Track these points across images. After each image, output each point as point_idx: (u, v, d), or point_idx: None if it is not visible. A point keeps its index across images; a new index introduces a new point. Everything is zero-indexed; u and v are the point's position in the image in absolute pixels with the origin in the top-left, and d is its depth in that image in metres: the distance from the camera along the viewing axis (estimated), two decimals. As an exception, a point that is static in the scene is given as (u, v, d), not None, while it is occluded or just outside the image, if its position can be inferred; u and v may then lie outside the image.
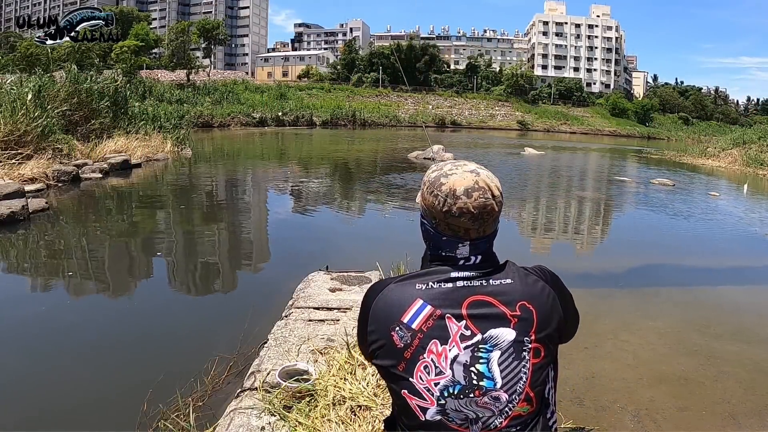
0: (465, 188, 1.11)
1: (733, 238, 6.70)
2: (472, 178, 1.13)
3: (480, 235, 1.14)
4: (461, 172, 1.14)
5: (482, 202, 1.11)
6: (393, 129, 40.31)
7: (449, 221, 1.12)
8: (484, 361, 1.08)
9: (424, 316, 1.09)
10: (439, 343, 1.08)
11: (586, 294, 4.15)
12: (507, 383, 1.08)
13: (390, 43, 65.88)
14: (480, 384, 1.07)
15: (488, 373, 1.08)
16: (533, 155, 19.59)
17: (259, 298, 3.78)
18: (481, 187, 1.12)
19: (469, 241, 1.13)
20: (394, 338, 1.09)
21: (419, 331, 1.08)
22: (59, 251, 4.95)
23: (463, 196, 1.10)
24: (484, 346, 1.08)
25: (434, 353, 1.08)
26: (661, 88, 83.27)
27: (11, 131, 8.10)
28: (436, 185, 1.14)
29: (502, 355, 1.08)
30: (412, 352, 1.08)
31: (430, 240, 1.19)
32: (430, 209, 1.15)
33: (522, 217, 7.95)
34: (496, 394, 1.08)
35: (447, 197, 1.11)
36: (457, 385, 1.08)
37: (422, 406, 1.08)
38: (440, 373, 1.08)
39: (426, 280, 1.12)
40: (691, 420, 2.34)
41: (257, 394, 2.01)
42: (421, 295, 1.10)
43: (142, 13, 59.29)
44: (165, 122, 14.87)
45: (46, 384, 2.51)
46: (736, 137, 22.33)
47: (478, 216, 1.11)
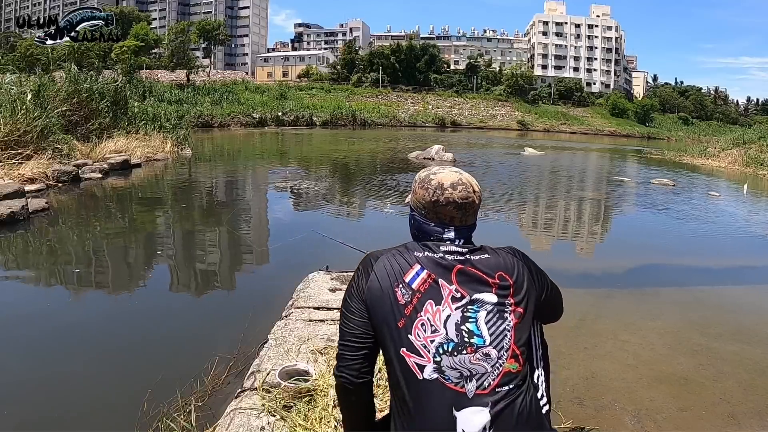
0: (451, 182, 1.33)
1: (733, 238, 6.70)
2: (456, 176, 1.35)
3: (463, 224, 1.34)
4: (447, 171, 1.37)
5: (465, 194, 1.32)
6: (393, 129, 40.30)
7: (437, 210, 1.32)
8: (473, 320, 1.22)
9: (422, 279, 1.24)
10: (434, 303, 1.22)
11: (586, 294, 4.15)
12: (494, 340, 1.22)
13: (390, 43, 65.83)
14: (471, 341, 1.21)
15: (477, 330, 1.22)
16: (533, 155, 19.59)
17: (259, 298, 3.77)
18: (464, 182, 1.34)
19: (453, 228, 1.33)
20: (398, 294, 1.24)
21: (418, 291, 1.23)
22: (59, 251, 4.95)
23: (449, 189, 1.32)
24: (472, 306, 1.23)
25: (430, 312, 1.22)
26: (661, 88, 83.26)
27: (11, 131, 8.10)
28: (426, 180, 1.36)
29: (488, 315, 1.23)
30: (412, 309, 1.22)
31: (419, 230, 1.37)
32: (420, 201, 1.36)
33: (522, 217, 7.95)
34: (486, 351, 1.21)
35: (436, 189, 1.32)
36: (451, 343, 1.20)
37: (420, 364, 1.20)
38: (435, 331, 1.21)
39: (422, 250, 1.30)
40: (691, 420, 2.34)
41: (257, 394, 2.01)
42: (419, 260, 1.27)
43: (142, 13, 59.25)
44: (165, 122, 14.86)
45: (46, 384, 2.51)
46: (736, 137, 22.32)
47: (461, 205, 1.32)
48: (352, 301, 1.31)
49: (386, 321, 1.24)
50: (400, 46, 60.70)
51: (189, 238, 5.78)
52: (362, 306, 1.29)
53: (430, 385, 1.19)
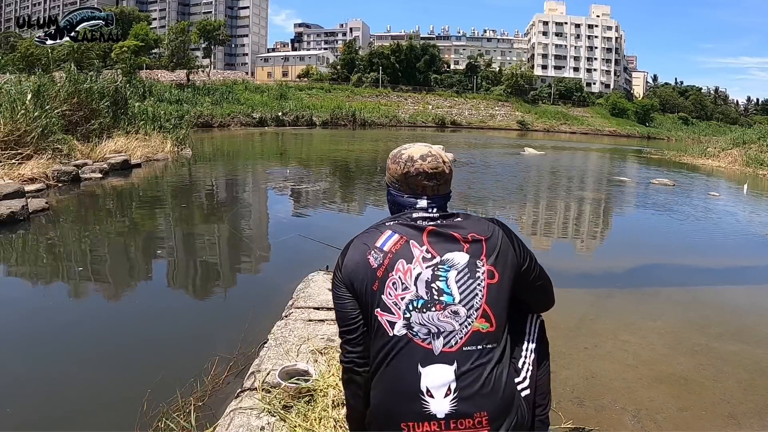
0: (420, 154, 1.39)
1: (733, 238, 6.70)
2: (426, 149, 1.41)
3: (435, 193, 1.38)
4: (417, 146, 1.43)
5: (434, 164, 1.38)
6: (393, 129, 40.29)
7: (409, 181, 1.38)
8: (443, 279, 1.25)
9: (393, 241, 1.29)
10: (405, 262, 1.26)
11: (586, 294, 4.15)
12: (464, 298, 1.24)
13: (390, 43, 65.80)
14: (440, 299, 1.23)
15: (447, 289, 1.24)
16: (533, 155, 19.59)
17: (259, 298, 3.77)
18: (433, 154, 1.40)
19: (426, 197, 1.37)
20: (370, 260, 1.28)
21: (389, 252, 1.28)
22: (59, 251, 4.95)
23: (419, 160, 1.38)
24: (443, 266, 1.26)
25: (401, 271, 1.26)
26: (661, 88, 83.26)
27: (11, 131, 8.10)
28: (397, 155, 1.43)
29: (459, 274, 1.26)
30: (384, 270, 1.26)
31: (395, 203, 1.43)
32: (393, 175, 1.42)
33: (522, 217, 7.95)
34: (455, 308, 1.23)
35: (407, 162, 1.39)
36: (421, 300, 1.24)
37: (391, 321, 1.23)
38: (406, 289, 1.24)
39: (394, 219, 1.36)
40: (691, 420, 2.34)
41: (257, 394, 2.01)
42: (390, 227, 1.32)
43: (142, 13, 59.25)
44: (165, 122, 14.88)
45: (45, 384, 2.51)
46: (736, 137, 22.32)
47: (432, 175, 1.37)
48: (337, 286, 1.35)
49: (363, 288, 1.28)
50: (400, 46, 60.69)
51: (189, 238, 5.78)
52: (344, 287, 1.32)
53: (399, 341, 1.22)
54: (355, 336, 1.31)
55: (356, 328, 1.31)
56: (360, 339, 1.31)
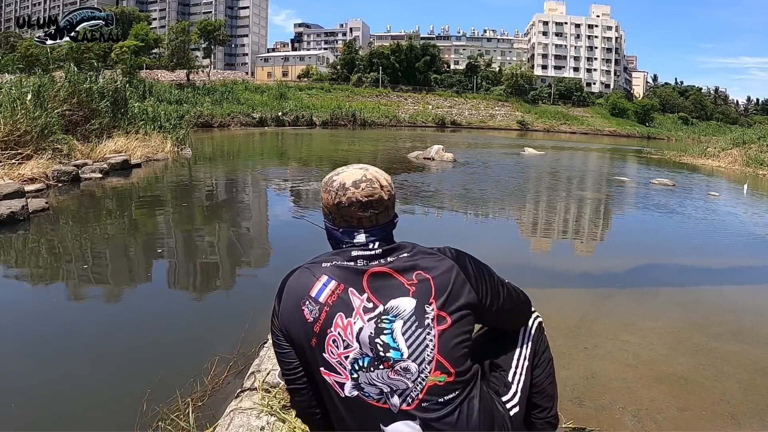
0: (353, 180, 1.20)
1: (733, 238, 6.69)
2: (360, 173, 1.22)
3: (373, 224, 1.21)
4: (351, 170, 1.24)
5: (369, 191, 1.19)
6: (393, 129, 40.30)
7: (342, 212, 1.21)
8: (388, 331, 1.11)
9: (330, 290, 1.14)
10: (344, 316, 1.12)
11: (586, 294, 4.15)
12: (413, 352, 1.10)
13: (390, 43, 65.81)
14: (387, 355, 1.10)
15: (393, 343, 1.10)
16: (533, 155, 19.59)
17: (259, 298, 3.76)
18: (368, 179, 1.21)
19: (363, 230, 1.20)
20: (305, 312, 1.14)
21: (326, 305, 1.13)
22: (59, 251, 4.95)
23: (351, 188, 1.20)
24: (387, 316, 1.11)
25: (340, 326, 1.12)
26: (661, 88, 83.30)
27: (11, 131, 8.10)
28: (328, 183, 1.24)
29: (405, 324, 1.11)
30: (321, 325, 1.13)
31: (331, 237, 1.27)
32: (325, 206, 1.25)
33: (522, 218, 7.95)
34: (405, 365, 1.09)
35: (338, 190, 1.21)
36: (366, 357, 1.10)
37: (339, 381, 1.12)
38: (348, 347, 1.11)
39: (331, 260, 1.19)
40: (691, 420, 2.34)
41: (257, 394, 2.01)
42: (326, 271, 1.16)
43: (142, 13, 59.26)
44: (165, 122, 14.87)
45: (45, 384, 2.51)
46: (736, 137, 22.33)
47: (367, 204, 1.19)
48: (275, 333, 1.24)
49: (300, 342, 1.16)
50: (400, 46, 60.71)
51: (189, 238, 5.78)
52: (281, 335, 1.21)
53: (353, 403, 1.11)
54: (298, 386, 1.22)
55: (298, 378, 1.21)
56: (304, 389, 1.22)
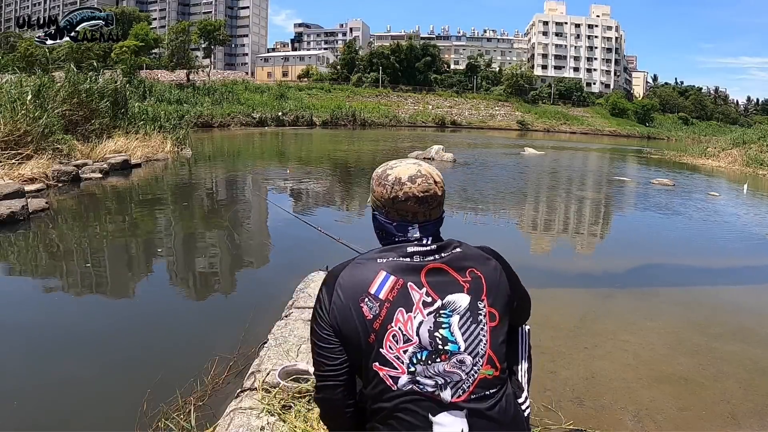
0: (409, 176, 1.23)
1: (733, 238, 6.69)
2: (415, 168, 1.25)
3: (427, 219, 1.25)
4: (405, 164, 1.27)
5: (425, 186, 1.23)
6: (393, 129, 40.30)
7: (397, 206, 1.23)
8: (446, 325, 1.15)
9: (389, 286, 1.15)
10: (404, 311, 1.14)
11: (586, 294, 4.15)
12: (469, 346, 1.16)
13: (390, 43, 65.82)
14: (445, 348, 1.14)
15: (451, 337, 1.15)
16: (533, 155, 19.59)
17: (259, 298, 3.77)
18: (423, 174, 1.24)
19: (417, 224, 1.24)
20: (364, 309, 1.15)
21: (386, 301, 1.14)
22: (59, 251, 4.95)
23: (408, 182, 1.22)
24: (445, 311, 1.15)
25: (401, 321, 1.14)
26: (661, 88, 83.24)
27: (11, 131, 8.10)
28: (383, 177, 1.26)
29: (461, 318, 1.16)
30: (381, 322, 1.14)
31: (383, 230, 1.28)
32: (379, 199, 1.27)
33: (522, 217, 7.95)
34: (461, 357, 1.15)
35: (394, 185, 1.23)
36: (425, 351, 1.14)
37: (393, 376, 1.13)
38: (408, 341, 1.14)
39: (386, 256, 1.20)
40: (691, 420, 2.34)
41: (257, 394, 2.01)
42: (383, 267, 1.17)
43: (142, 13, 59.24)
44: (165, 122, 14.87)
45: (45, 384, 2.51)
46: (736, 137, 22.34)
47: (422, 199, 1.22)
48: (321, 328, 1.21)
49: (356, 338, 1.16)
50: (400, 46, 60.70)
51: (189, 238, 5.78)
52: (331, 330, 1.20)
53: (405, 396, 1.14)
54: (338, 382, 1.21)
55: (341, 374, 1.21)
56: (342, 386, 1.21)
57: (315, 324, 1.22)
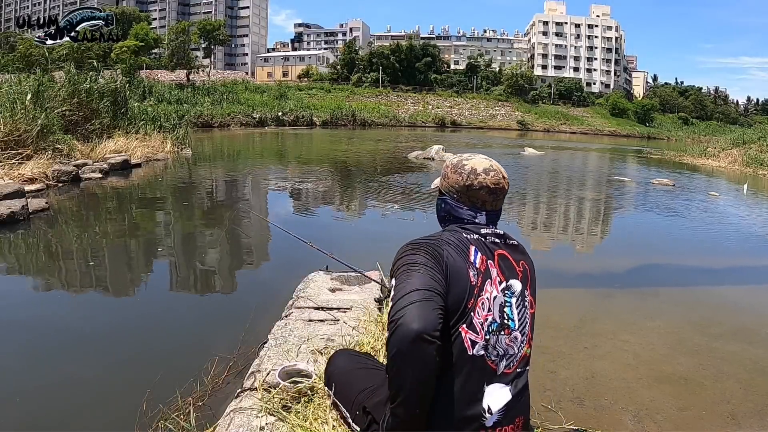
0: (484, 168, 1.39)
1: (733, 238, 6.70)
2: (488, 162, 1.42)
3: (493, 208, 1.41)
4: (479, 158, 1.43)
5: (497, 179, 1.39)
6: (393, 129, 40.30)
7: (470, 194, 1.38)
8: (509, 304, 1.31)
9: (481, 259, 1.30)
10: (489, 284, 1.29)
11: (586, 294, 4.15)
12: (521, 326, 1.32)
13: (390, 43, 65.80)
14: (507, 324, 1.30)
15: (511, 314, 1.31)
16: (533, 155, 19.59)
17: (259, 298, 3.77)
18: (494, 168, 1.41)
19: (485, 212, 1.39)
20: (470, 274, 1.27)
21: (480, 272, 1.29)
22: (59, 251, 4.95)
23: (483, 174, 1.38)
24: (508, 291, 1.32)
25: (488, 292, 1.28)
26: (661, 88, 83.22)
27: (11, 131, 8.10)
28: (459, 166, 1.41)
29: (517, 300, 1.33)
30: (478, 289, 1.27)
31: (451, 213, 1.42)
32: (453, 185, 1.41)
33: (522, 217, 7.94)
34: (515, 334, 1.31)
35: (470, 174, 1.38)
36: (495, 323, 1.28)
37: (473, 340, 1.25)
38: (489, 310, 1.28)
39: (469, 232, 1.34)
40: (692, 420, 2.34)
41: (257, 394, 2.01)
42: (472, 242, 1.32)
43: (142, 13, 59.22)
44: (165, 122, 14.87)
45: (45, 384, 2.51)
46: (736, 137, 22.32)
47: (493, 190, 1.38)
48: (428, 260, 1.23)
49: (460, 299, 1.26)
50: (400, 46, 60.70)
51: (189, 238, 5.78)
52: (439, 267, 1.23)
53: (475, 360, 1.25)
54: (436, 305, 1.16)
55: (439, 297, 1.18)
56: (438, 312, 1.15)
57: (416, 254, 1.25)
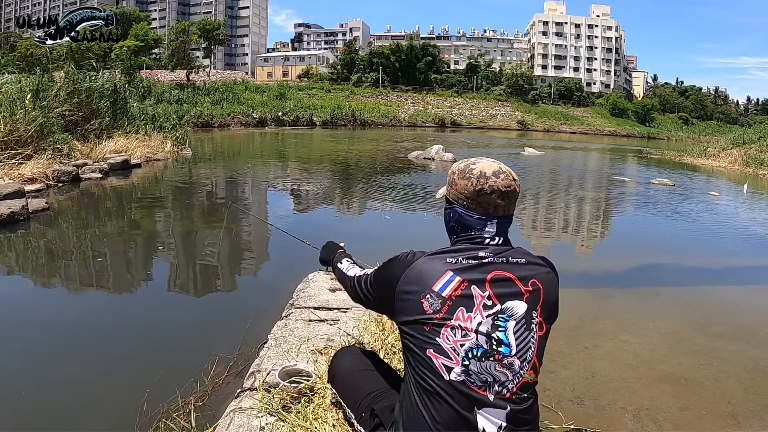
0: (493, 171, 1.32)
1: (733, 238, 6.69)
2: (496, 165, 1.35)
3: (505, 213, 1.34)
4: (486, 161, 1.36)
5: (508, 182, 1.32)
6: (393, 129, 40.29)
7: (481, 199, 1.31)
8: (502, 329, 1.23)
9: (453, 287, 1.23)
10: (465, 310, 1.22)
11: (586, 294, 4.15)
12: (520, 351, 1.24)
13: (390, 43, 65.80)
14: (498, 350, 1.22)
15: (506, 340, 1.23)
16: (533, 155, 19.59)
17: (259, 298, 3.77)
18: (504, 171, 1.34)
19: (497, 219, 1.32)
20: (424, 305, 1.23)
21: (448, 299, 1.22)
22: (59, 251, 4.95)
23: (492, 177, 1.31)
24: (503, 315, 1.23)
25: (461, 319, 1.22)
26: (661, 88, 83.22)
27: (11, 131, 8.09)
28: (467, 171, 1.34)
29: (517, 324, 1.24)
30: (441, 316, 1.22)
31: (461, 222, 1.35)
32: (462, 192, 1.34)
33: (522, 217, 7.94)
34: (511, 361, 1.23)
35: (479, 178, 1.31)
36: (480, 348, 1.22)
37: (447, 365, 1.21)
38: (465, 336, 1.22)
39: (456, 256, 1.27)
40: (692, 420, 2.33)
41: (257, 394, 2.01)
42: (451, 268, 1.25)
43: (142, 13, 59.23)
44: (165, 122, 14.85)
45: (45, 384, 2.51)
46: (736, 137, 22.31)
47: (505, 194, 1.31)
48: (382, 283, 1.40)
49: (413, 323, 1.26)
50: (400, 46, 60.70)
51: (189, 238, 5.78)
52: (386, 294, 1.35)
53: (455, 386, 1.21)
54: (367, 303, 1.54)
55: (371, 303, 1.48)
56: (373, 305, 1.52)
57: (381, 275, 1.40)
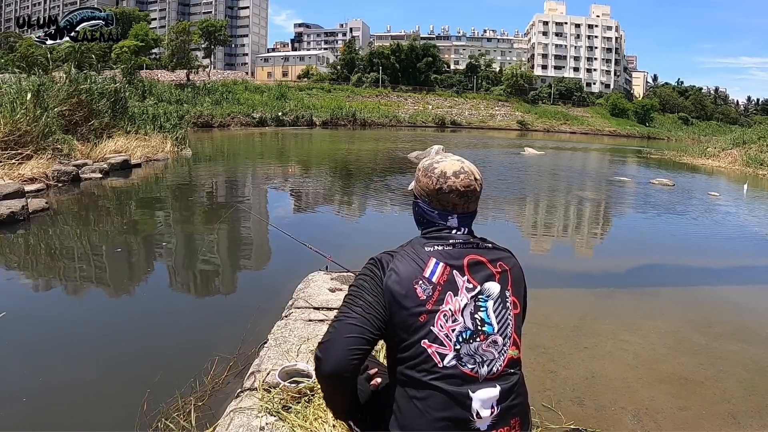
0: (453, 171, 1.36)
1: (733, 238, 6.69)
2: (458, 164, 1.38)
3: (465, 211, 1.38)
4: (450, 160, 1.40)
5: (467, 182, 1.36)
6: (393, 129, 40.29)
7: (440, 197, 1.36)
8: (483, 309, 1.30)
9: (440, 272, 1.28)
10: (452, 294, 1.28)
11: (586, 294, 4.15)
12: (501, 328, 1.30)
13: (390, 43, 65.80)
14: (483, 329, 1.28)
15: (487, 319, 1.29)
16: (533, 155, 19.59)
17: (260, 298, 3.77)
18: (465, 171, 1.37)
19: (456, 215, 1.37)
20: (417, 291, 1.26)
21: (438, 284, 1.27)
22: (59, 251, 4.95)
23: (452, 177, 1.35)
24: (482, 296, 1.30)
25: (450, 303, 1.27)
26: (661, 88, 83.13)
27: (11, 131, 8.09)
28: (429, 169, 1.39)
29: (495, 303, 1.31)
30: (434, 302, 1.26)
31: (424, 216, 1.41)
32: (424, 189, 1.39)
33: (522, 217, 7.95)
34: (494, 338, 1.29)
35: (439, 177, 1.36)
36: (468, 331, 1.27)
37: (441, 353, 1.25)
38: (455, 321, 1.27)
39: (432, 244, 1.33)
40: (692, 419, 2.34)
41: (257, 394, 2.01)
42: (433, 254, 1.31)
43: (142, 13, 59.24)
44: (165, 122, 14.86)
45: (45, 384, 2.51)
46: (736, 137, 22.30)
47: (464, 193, 1.36)
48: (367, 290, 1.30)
49: (407, 316, 1.26)
50: (400, 46, 60.68)
51: (189, 239, 5.78)
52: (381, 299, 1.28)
53: (449, 372, 1.24)
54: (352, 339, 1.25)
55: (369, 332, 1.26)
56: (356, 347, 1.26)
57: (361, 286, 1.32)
